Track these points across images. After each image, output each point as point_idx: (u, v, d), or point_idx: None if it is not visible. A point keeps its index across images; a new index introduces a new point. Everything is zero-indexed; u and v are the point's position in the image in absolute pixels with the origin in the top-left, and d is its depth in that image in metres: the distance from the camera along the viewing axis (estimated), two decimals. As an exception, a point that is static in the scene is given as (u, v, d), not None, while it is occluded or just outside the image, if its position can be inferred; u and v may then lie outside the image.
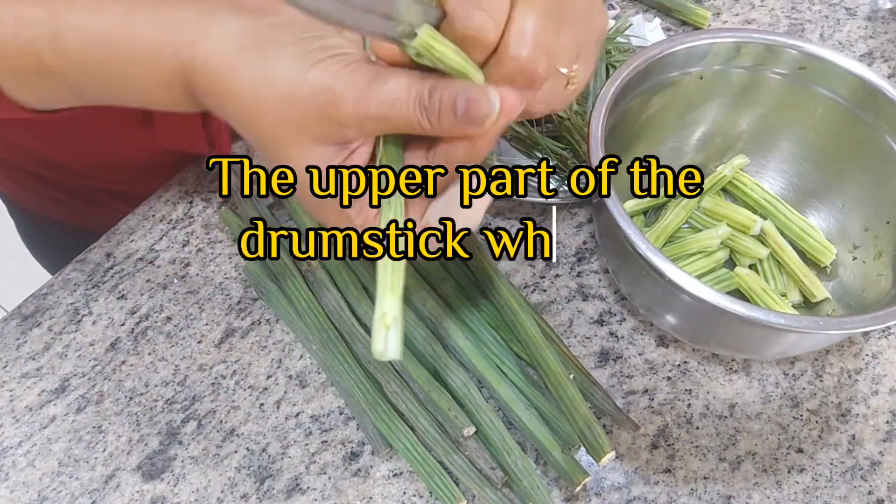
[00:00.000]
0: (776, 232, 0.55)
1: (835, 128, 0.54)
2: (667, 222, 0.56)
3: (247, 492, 0.48)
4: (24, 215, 0.76)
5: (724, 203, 0.57)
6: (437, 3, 0.32)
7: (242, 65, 0.34)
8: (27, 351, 0.54)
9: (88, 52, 0.37)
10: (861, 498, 0.47)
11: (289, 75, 0.33)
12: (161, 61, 0.36)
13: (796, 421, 0.50)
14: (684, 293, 0.42)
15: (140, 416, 0.51)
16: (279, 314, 0.54)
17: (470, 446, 0.46)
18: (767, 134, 0.57)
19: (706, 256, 0.55)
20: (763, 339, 0.46)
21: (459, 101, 0.32)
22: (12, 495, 0.48)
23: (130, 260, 0.58)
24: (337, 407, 0.51)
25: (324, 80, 0.33)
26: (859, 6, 0.74)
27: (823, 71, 0.52)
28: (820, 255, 0.55)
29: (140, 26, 0.37)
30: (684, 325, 0.49)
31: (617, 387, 0.52)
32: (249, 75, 0.34)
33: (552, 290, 0.56)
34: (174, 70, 0.36)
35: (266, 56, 0.34)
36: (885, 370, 0.52)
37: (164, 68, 0.36)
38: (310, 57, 0.33)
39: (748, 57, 0.53)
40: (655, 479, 0.48)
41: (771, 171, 0.59)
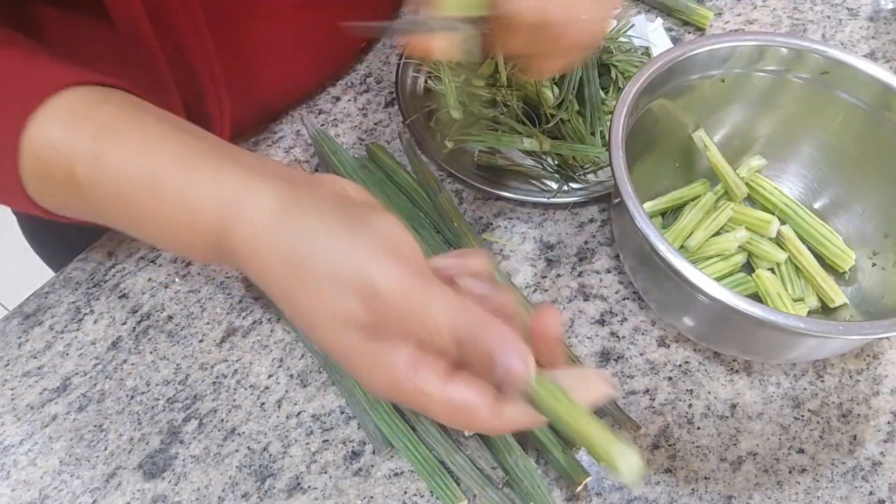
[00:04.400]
0: (794, 236, 0.55)
1: (856, 133, 0.54)
2: (685, 223, 0.56)
3: (248, 491, 0.48)
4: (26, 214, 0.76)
5: (742, 206, 0.57)
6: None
7: (282, 235, 0.33)
8: (29, 349, 0.54)
9: (125, 184, 0.36)
10: (862, 498, 0.47)
11: (330, 254, 0.32)
12: (198, 217, 0.35)
13: (797, 421, 0.50)
14: (703, 295, 0.42)
15: (141, 414, 0.51)
16: (280, 313, 0.54)
17: (471, 446, 0.46)
18: (788, 138, 0.57)
19: (724, 259, 0.55)
20: (781, 342, 0.46)
21: (499, 365, 0.31)
22: (14, 494, 0.48)
23: (132, 259, 0.59)
24: (338, 406, 0.51)
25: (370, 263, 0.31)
26: (861, 6, 0.74)
27: (846, 76, 0.52)
28: (839, 261, 0.54)
29: (184, 177, 0.36)
30: (701, 326, 0.49)
31: (618, 387, 0.52)
32: (289, 248, 0.33)
33: (553, 289, 0.56)
34: (210, 229, 0.35)
35: (306, 227, 0.33)
36: (886, 371, 0.52)
37: (200, 224, 0.35)
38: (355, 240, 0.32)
39: (770, 61, 0.53)
40: (656, 480, 0.48)
41: (790, 175, 0.59)
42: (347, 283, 0.31)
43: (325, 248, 0.32)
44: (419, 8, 0.38)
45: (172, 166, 0.36)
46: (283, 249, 0.33)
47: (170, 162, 0.36)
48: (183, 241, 0.37)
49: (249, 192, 0.34)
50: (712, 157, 0.57)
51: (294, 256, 0.33)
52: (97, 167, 0.37)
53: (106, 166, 0.36)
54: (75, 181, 0.37)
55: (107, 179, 0.37)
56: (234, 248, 0.35)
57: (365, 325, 0.32)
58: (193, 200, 0.35)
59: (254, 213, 0.34)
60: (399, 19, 0.32)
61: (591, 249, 0.58)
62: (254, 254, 0.34)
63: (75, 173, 0.37)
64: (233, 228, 0.34)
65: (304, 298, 0.33)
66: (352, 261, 0.32)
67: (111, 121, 0.37)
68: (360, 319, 0.32)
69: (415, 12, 0.71)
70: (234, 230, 0.34)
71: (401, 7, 0.73)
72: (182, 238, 0.37)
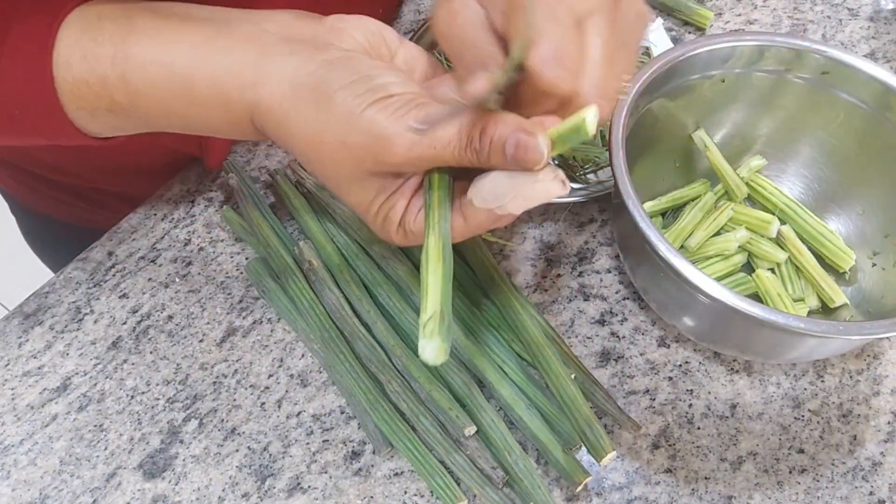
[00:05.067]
0: (795, 236, 0.55)
1: (856, 133, 0.53)
2: (685, 223, 0.56)
3: (248, 491, 0.48)
4: (26, 214, 0.76)
5: (742, 206, 0.57)
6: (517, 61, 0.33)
7: (299, 110, 0.37)
8: (29, 349, 0.54)
9: (157, 91, 0.39)
10: (862, 499, 0.47)
11: (340, 123, 0.35)
12: (227, 102, 0.38)
13: (798, 421, 0.50)
14: (703, 295, 0.42)
15: (141, 414, 0.51)
16: (280, 313, 0.54)
17: (471, 446, 0.46)
18: (788, 138, 0.57)
19: (724, 259, 0.55)
20: (781, 343, 0.46)
21: (509, 145, 0.33)
22: (14, 493, 0.48)
23: (132, 259, 0.59)
24: (338, 406, 0.51)
25: (374, 128, 0.35)
26: (861, 7, 0.74)
27: (847, 76, 0.52)
28: (839, 261, 0.54)
29: (204, 68, 0.38)
30: (701, 326, 0.49)
31: (618, 387, 0.52)
32: (305, 118, 0.36)
33: (553, 289, 0.56)
34: (241, 111, 0.38)
35: (319, 101, 0.36)
36: (886, 371, 0.52)
37: (231, 108, 0.39)
38: (360, 103, 0.35)
39: (771, 61, 0.53)
40: (656, 480, 0.48)
41: (790, 175, 0.59)
42: (358, 146, 0.35)
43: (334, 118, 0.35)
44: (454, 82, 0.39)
45: (192, 64, 0.38)
46: (298, 122, 0.37)
47: (189, 60, 0.38)
48: (226, 126, 0.40)
49: (265, 75, 0.37)
50: (712, 157, 0.57)
51: (308, 129, 0.37)
52: (129, 87, 0.39)
53: (135, 84, 0.39)
54: (117, 105, 0.40)
55: (142, 96, 0.39)
56: (263, 126, 0.38)
57: (383, 173, 0.36)
58: (220, 91, 0.38)
59: (269, 96, 0.37)
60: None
61: (591, 249, 0.58)
62: (274, 131, 0.38)
63: (115, 99, 0.40)
64: (257, 109, 0.38)
65: (320, 167, 0.38)
66: (359, 124, 0.35)
67: (119, 39, 0.39)
68: (380, 171, 0.36)
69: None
70: (258, 110, 0.38)
71: (400, 7, 0.73)
72: (225, 124, 0.40)
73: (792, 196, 0.58)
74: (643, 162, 0.55)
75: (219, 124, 0.40)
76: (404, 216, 0.38)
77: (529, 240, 0.59)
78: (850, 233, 0.56)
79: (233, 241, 0.59)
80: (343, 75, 0.36)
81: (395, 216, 0.38)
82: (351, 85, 0.35)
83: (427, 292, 0.35)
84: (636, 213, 0.45)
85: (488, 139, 0.34)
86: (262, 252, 0.56)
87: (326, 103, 0.36)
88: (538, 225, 0.59)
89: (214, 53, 0.38)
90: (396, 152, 0.34)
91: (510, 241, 0.58)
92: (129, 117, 0.41)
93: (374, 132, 0.35)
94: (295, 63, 0.37)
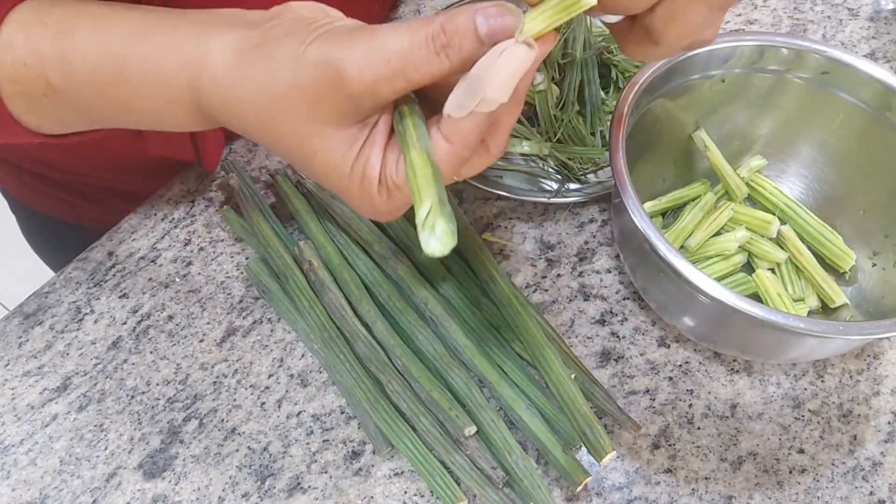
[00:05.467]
0: (795, 236, 0.55)
1: (857, 133, 0.54)
2: (685, 223, 0.56)
3: (248, 490, 0.48)
4: (26, 213, 0.76)
5: (742, 206, 0.57)
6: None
7: (244, 69, 0.34)
8: (29, 349, 0.54)
9: (95, 72, 0.38)
10: (862, 499, 0.47)
11: (288, 63, 0.32)
12: (167, 81, 0.36)
13: (798, 421, 0.50)
14: (703, 295, 0.42)
15: (141, 414, 0.51)
16: (280, 313, 0.54)
17: (471, 446, 0.46)
18: (788, 138, 0.57)
19: (724, 259, 0.55)
20: (781, 343, 0.46)
21: (479, 20, 0.30)
22: (14, 493, 0.48)
23: (132, 259, 0.59)
24: (338, 406, 0.51)
25: (321, 55, 0.32)
26: (862, 7, 0.74)
27: (847, 76, 0.52)
28: (839, 261, 0.54)
29: (144, 47, 0.37)
30: (701, 326, 0.49)
31: (618, 387, 0.52)
32: (252, 76, 0.34)
33: (553, 289, 0.56)
34: (182, 88, 0.36)
35: (264, 54, 0.33)
36: (886, 371, 0.52)
37: (172, 87, 0.36)
38: (304, 39, 0.32)
39: (771, 61, 0.53)
40: (657, 480, 0.48)
41: (791, 175, 0.59)
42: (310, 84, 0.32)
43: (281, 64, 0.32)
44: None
45: (131, 42, 0.37)
46: (245, 83, 0.34)
47: (128, 38, 0.37)
48: (166, 112, 0.38)
49: (206, 46, 0.35)
50: (712, 157, 0.57)
51: (255, 86, 0.33)
52: (66, 68, 0.38)
53: (73, 64, 0.37)
54: (52, 88, 0.38)
55: (78, 77, 0.38)
56: (208, 104, 0.35)
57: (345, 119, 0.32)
58: (158, 66, 0.36)
59: (213, 64, 0.34)
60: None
61: (591, 249, 0.58)
62: (222, 103, 0.35)
63: (50, 81, 0.38)
64: (199, 85, 0.35)
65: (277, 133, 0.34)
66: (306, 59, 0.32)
67: (66, 21, 0.38)
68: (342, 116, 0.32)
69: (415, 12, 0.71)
70: (200, 86, 0.35)
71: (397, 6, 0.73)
72: (164, 110, 0.37)
73: (792, 196, 0.58)
74: (643, 162, 0.55)
75: (155, 106, 0.38)
76: (383, 170, 0.33)
77: (529, 240, 0.59)
78: (850, 233, 0.56)
79: (233, 241, 0.59)
80: (286, 27, 0.34)
81: (373, 171, 0.33)
82: (294, 31, 0.33)
83: (418, 190, 0.31)
84: (636, 213, 0.45)
85: (453, 27, 0.30)
86: (262, 252, 0.56)
87: (271, 55, 0.33)
88: (538, 225, 0.59)
89: (153, 33, 0.37)
90: (351, 77, 0.31)
91: (510, 241, 0.58)
92: (64, 104, 0.40)
93: (323, 61, 0.31)
94: (237, 34, 0.35)
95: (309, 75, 0.32)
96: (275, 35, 0.34)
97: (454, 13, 0.31)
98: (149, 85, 0.37)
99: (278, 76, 0.33)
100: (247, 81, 0.34)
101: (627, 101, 0.49)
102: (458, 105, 0.32)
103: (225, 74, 0.35)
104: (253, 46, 0.34)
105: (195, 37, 0.36)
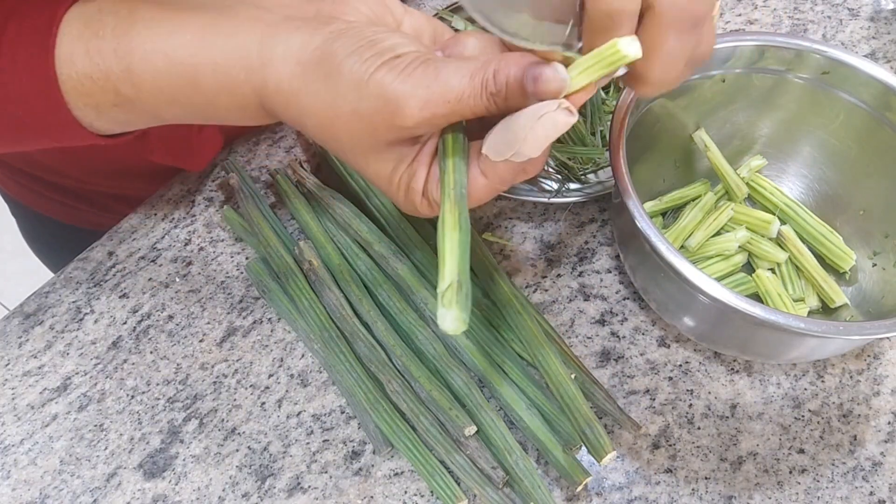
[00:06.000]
0: (795, 236, 0.55)
1: (857, 133, 0.53)
2: (685, 223, 0.56)
3: (248, 490, 0.48)
4: (26, 214, 0.76)
5: (742, 206, 0.57)
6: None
7: (308, 85, 0.36)
8: (29, 349, 0.54)
9: (163, 81, 0.38)
10: (862, 499, 0.47)
11: (351, 91, 0.34)
12: (234, 87, 0.38)
13: (798, 421, 0.50)
14: (703, 295, 0.42)
15: (142, 414, 0.51)
16: (281, 313, 0.54)
17: (471, 446, 0.46)
18: (788, 138, 0.57)
19: (724, 259, 0.55)
20: (781, 342, 0.46)
21: (528, 79, 0.32)
22: (14, 493, 0.48)
23: (132, 258, 0.59)
24: (338, 406, 0.51)
25: (385, 92, 0.34)
26: (862, 7, 0.74)
27: (847, 76, 0.52)
28: (839, 261, 0.54)
29: (211, 55, 0.38)
30: (701, 326, 0.49)
31: (618, 387, 0.52)
32: (315, 92, 0.35)
33: (553, 289, 0.56)
34: (247, 94, 0.38)
35: (328, 73, 0.35)
36: (886, 371, 0.52)
37: (238, 92, 0.38)
38: (367, 68, 0.34)
39: (771, 61, 0.53)
40: (657, 480, 0.48)
41: (791, 175, 0.59)
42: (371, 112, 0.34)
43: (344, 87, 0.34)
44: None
45: (196, 50, 0.38)
46: (309, 98, 0.36)
47: (192, 47, 0.38)
48: (236, 111, 0.39)
49: (270, 54, 0.36)
50: (713, 157, 0.57)
51: (319, 103, 0.35)
52: (135, 80, 0.38)
53: (141, 76, 0.38)
54: (123, 98, 0.39)
55: (147, 87, 0.39)
56: (271, 107, 0.37)
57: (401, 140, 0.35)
58: (227, 76, 0.38)
59: (278, 74, 0.36)
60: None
61: (591, 249, 0.58)
62: (284, 108, 0.37)
63: (120, 92, 0.39)
64: (265, 92, 0.37)
65: (334, 142, 0.37)
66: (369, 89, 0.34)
67: (122, 31, 0.38)
68: (398, 138, 0.35)
69: None
70: (266, 93, 0.37)
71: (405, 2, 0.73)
72: (234, 109, 0.39)
73: (792, 196, 0.58)
74: (643, 162, 0.55)
75: (228, 110, 0.40)
76: (426, 186, 0.37)
77: (529, 240, 0.59)
78: (850, 233, 0.56)
79: (233, 241, 0.59)
80: (349, 43, 0.35)
81: (418, 185, 0.37)
82: (357, 51, 0.35)
83: (444, 261, 0.33)
84: (636, 213, 0.45)
85: (504, 78, 0.33)
86: (263, 252, 0.56)
87: (335, 74, 0.35)
88: (538, 225, 0.59)
89: (217, 38, 0.38)
90: (409, 113, 0.33)
91: (510, 241, 0.58)
92: (135, 111, 0.41)
93: (385, 95, 0.33)
94: (300, 39, 0.36)
95: (370, 106, 0.34)
96: (338, 51, 0.35)
97: (508, 61, 0.33)
98: (221, 94, 0.38)
99: (340, 100, 0.35)
100: (310, 96, 0.36)
101: (627, 101, 0.49)
102: (496, 151, 0.35)
103: (290, 83, 0.36)
104: (316, 60, 0.35)
105: (258, 42, 0.37)
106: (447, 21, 0.65)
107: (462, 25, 0.65)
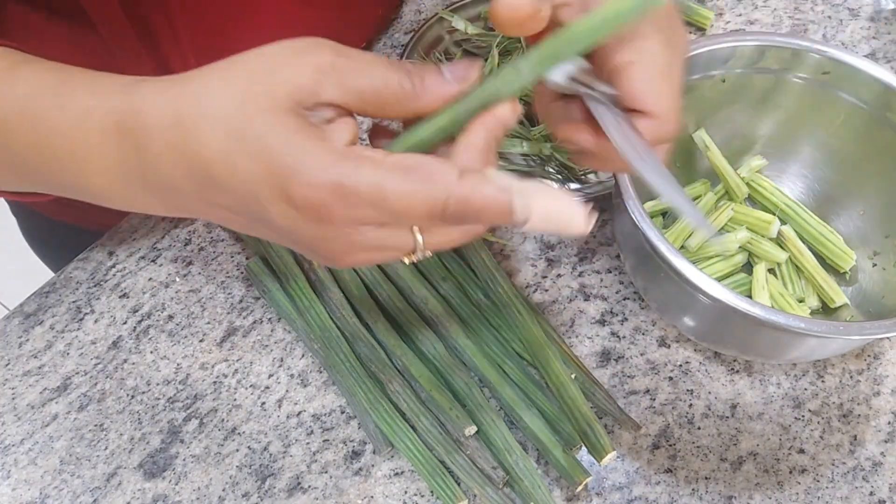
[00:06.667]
0: (795, 236, 0.55)
1: (857, 133, 0.53)
2: (685, 223, 0.56)
3: (248, 490, 0.48)
4: (26, 214, 0.76)
5: (742, 206, 0.57)
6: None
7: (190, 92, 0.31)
8: (29, 349, 0.54)
9: (22, 138, 0.36)
10: (862, 499, 0.47)
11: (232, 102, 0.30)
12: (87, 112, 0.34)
13: (798, 421, 0.50)
14: (703, 295, 0.42)
15: (142, 414, 0.51)
16: (281, 313, 0.54)
17: (471, 446, 0.46)
18: (788, 138, 0.57)
19: (724, 260, 0.55)
20: (781, 342, 0.46)
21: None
22: (14, 493, 0.48)
23: (132, 258, 0.59)
24: (338, 406, 0.51)
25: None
26: (862, 7, 0.74)
27: (847, 76, 0.52)
28: (839, 261, 0.54)
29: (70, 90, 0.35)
30: (701, 326, 0.49)
31: (618, 387, 0.52)
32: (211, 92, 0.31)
33: (554, 289, 0.56)
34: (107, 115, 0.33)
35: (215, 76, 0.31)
36: (886, 371, 0.52)
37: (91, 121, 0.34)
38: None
39: (771, 61, 0.53)
40: (657, 479, 0.48)
41: (791, 175, 0.59)
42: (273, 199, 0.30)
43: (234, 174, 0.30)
44: None
45: (52, 99, 0.35)
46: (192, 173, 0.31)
47: (49, 96, 0.35)
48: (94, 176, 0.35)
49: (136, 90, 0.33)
50: (713, 157, 0.57)
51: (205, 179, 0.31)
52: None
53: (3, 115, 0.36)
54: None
55: (5, 137, 0.36)
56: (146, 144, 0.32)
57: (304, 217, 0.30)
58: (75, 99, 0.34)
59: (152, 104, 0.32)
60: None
61: (591, 249, 0.58)
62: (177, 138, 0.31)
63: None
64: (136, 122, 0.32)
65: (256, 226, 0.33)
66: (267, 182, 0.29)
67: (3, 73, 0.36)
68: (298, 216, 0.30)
69: None
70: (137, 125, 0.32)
71: (401, 6, 0.73)
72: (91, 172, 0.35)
73: (792, 196, 0.58)
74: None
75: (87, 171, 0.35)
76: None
77: (529, 240, 0.59)
78: (850, 233, 0.56)
79: (233, 241, 0.59)
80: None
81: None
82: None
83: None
84: (636, 213, 0.45)
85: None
86: (262, 252, 0.56)
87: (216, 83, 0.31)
88: (538, 225, 0.59)
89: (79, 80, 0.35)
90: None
91: (510, 241, 0.58)
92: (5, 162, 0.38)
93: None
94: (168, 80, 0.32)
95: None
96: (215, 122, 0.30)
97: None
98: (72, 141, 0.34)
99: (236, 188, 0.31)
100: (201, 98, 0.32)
101: None
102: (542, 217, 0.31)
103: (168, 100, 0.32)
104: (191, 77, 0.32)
105: (122, 85, 0.34)
106: (447, 21, 0.65)
107: (462, 25, 0.65)
